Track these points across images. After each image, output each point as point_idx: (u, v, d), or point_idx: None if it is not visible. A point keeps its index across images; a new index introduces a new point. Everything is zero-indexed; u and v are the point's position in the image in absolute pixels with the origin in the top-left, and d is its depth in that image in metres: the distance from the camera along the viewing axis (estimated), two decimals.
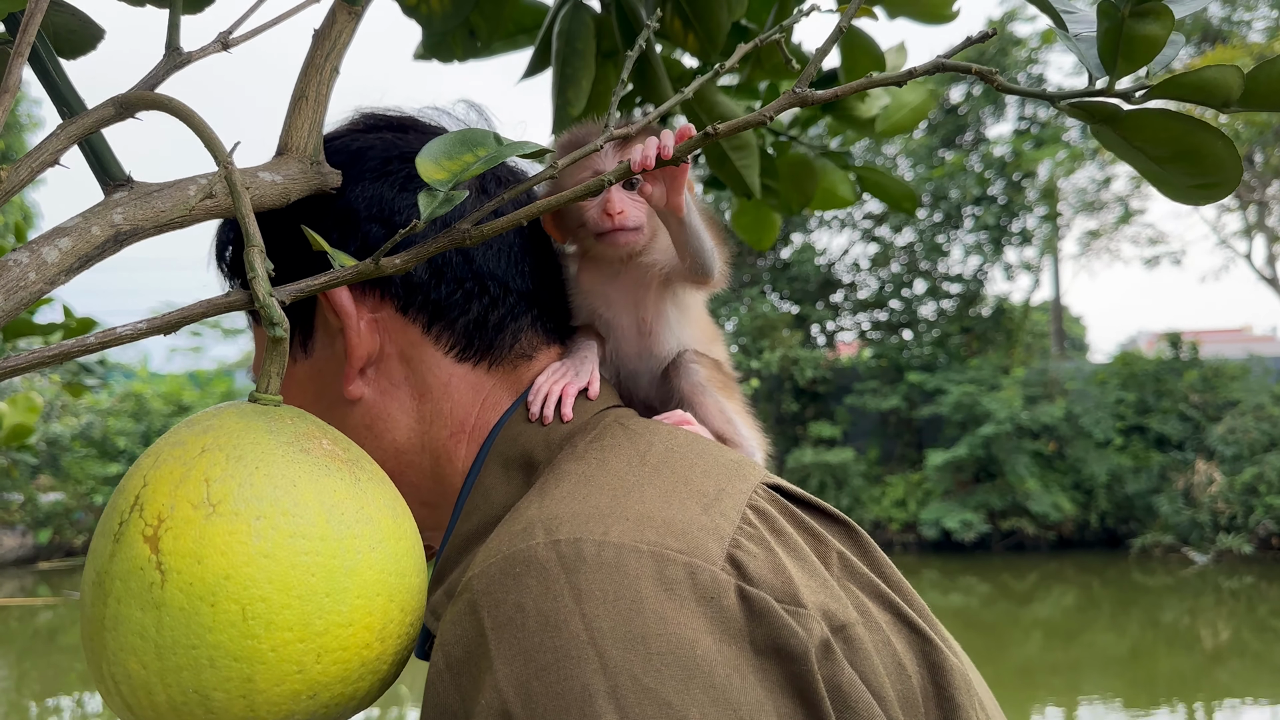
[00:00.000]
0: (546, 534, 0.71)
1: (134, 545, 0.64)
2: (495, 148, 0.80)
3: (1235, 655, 10.83)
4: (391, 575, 0.70)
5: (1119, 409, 16.57)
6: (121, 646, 0.64)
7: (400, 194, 0.93)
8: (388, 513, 0.72)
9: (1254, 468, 15.27)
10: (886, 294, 19.44)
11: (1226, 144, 0.68)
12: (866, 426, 17.65)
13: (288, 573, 0.64)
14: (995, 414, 15.83)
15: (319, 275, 0.76)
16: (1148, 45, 0.67)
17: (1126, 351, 18.93)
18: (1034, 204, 19.44)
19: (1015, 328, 18.87)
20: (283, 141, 0.89)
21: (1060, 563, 15.59)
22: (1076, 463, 16.19)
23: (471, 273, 0.93)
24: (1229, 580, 14.23)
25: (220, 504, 0.64)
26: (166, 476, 0.65)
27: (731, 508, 0.77)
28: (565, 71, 1.53)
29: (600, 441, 0.85)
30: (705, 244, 0.95)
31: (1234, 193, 6.29)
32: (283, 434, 0.69)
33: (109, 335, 0.67)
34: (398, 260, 0.77)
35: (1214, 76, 0.64)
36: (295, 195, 0.88)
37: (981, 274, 19.29)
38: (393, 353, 0.93)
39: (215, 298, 0.72)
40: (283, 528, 0.65)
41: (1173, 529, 15.52)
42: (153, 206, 0.75)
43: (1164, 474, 15.99)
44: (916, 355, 18.34)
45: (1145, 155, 0.71)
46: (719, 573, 0.70)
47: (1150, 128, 0.69)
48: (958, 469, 16.21)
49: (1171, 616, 12.74)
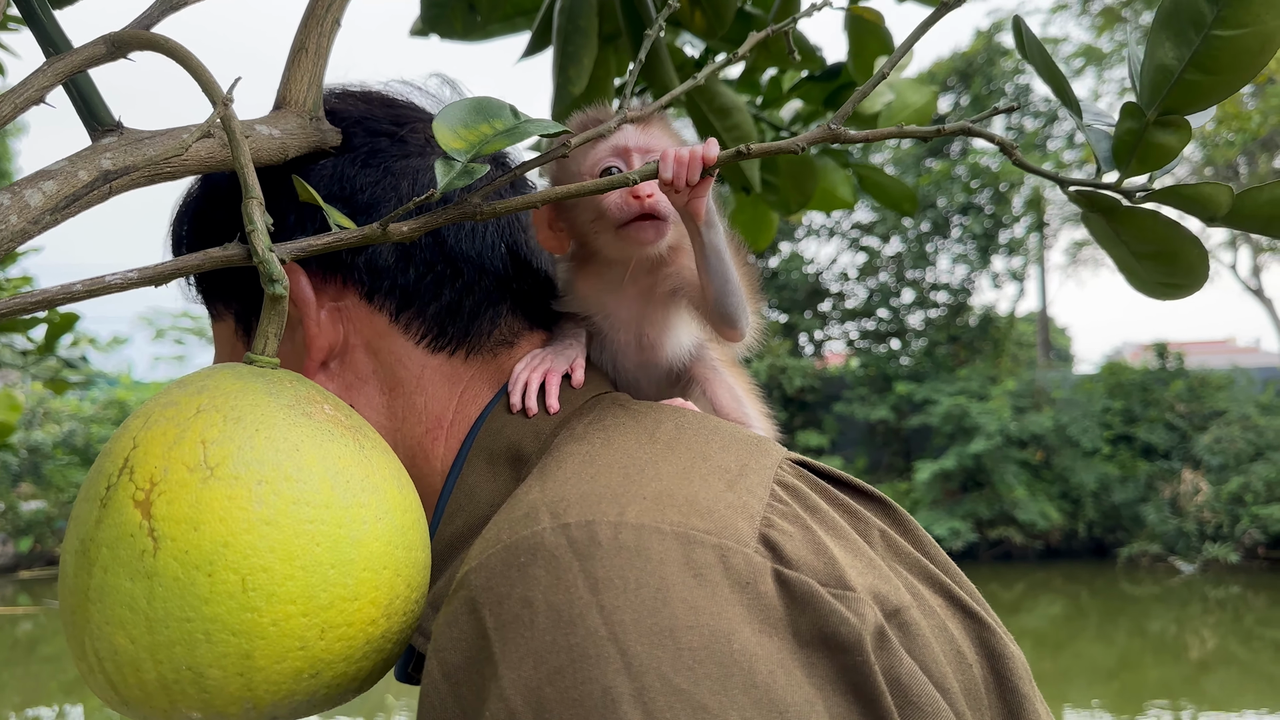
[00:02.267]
0: (553, 518, 0.63)
1: (123, 510, 0.59)
2: (512, 120, 0.76)
3: (1222, 665, 10.83)
4: (399, 548, 0.65)
5: (1106, 418, 16.60)
6: (108, 620, 0.59)
7: (363, 170, 0.86)
8: (393, 483, 0.67)
9: (1240, 477, 15.31)
10: (874, 303, 19.43)
11: (1201, 252, 0.72)
12: (854, 436, 17.62)
13: (291, 541, 0.59)
14: (985, 427, 15.83)
15: (322, 235, 0.71)
16: (1162, 153, 0.70)
17: (1113, 361, 18.98)
18: (1020, 214, 19.50)
19: (1002, 338, 18.90)
20: (280, 95, 0.85)
21: (1048, 572, 15.58)
22: (1064, 472, 16.20)
23: (443, 255, 0.86)
24: (1215, 590, 14.24)
25: (219, 467, 0.59)
26: (159, 437, 0.60)
27: (759, 483, 0.70)
28: (567, 49, 1.49)
29: (601, 422, 0.78)
30: (729, 275, 0.84)
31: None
32: (283, 396, 0.64)
33: (97, 283, 0.62)
34: (405, 228, 0.72)
35: (1209, 192, 0.68)
36: (293, 152, 0.83)
37: (969, 283, 19.32)
38: (358, 344, 0.85)
39: (211, 251, 0.67)
40: (286, 493, 0.60)
41: (1159, 538, 15.54)
42: (143, 153, 0.71)
43: (1151, 483, 16.01)
44: (904, 365, 18.35)
45: (1127, 249, 0.74)
46: (753, 555, 0.62)
47: (1140, 225, 0.72)
48: (946, 478, 16.20)
49: (1158, 626, 12.74)
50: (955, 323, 18.98)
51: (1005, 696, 0.68)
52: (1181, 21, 0.65)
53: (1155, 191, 0.71)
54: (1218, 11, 0.64)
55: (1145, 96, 0.69)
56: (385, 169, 0.86)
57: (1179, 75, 0.66)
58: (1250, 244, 19.17)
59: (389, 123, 0.89)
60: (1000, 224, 19.18)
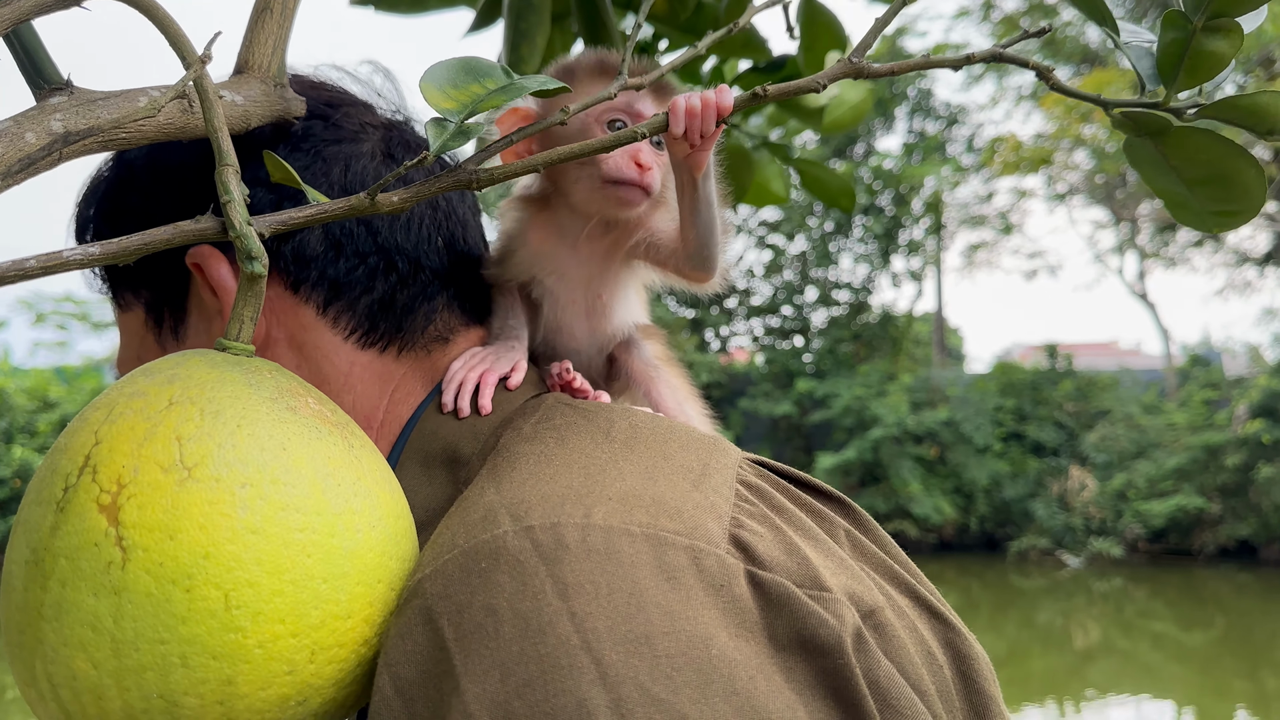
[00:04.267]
0: (514, 520, 0.59)
1: (85, 516, 0.51)
2: (504, 80, 0.70)
3: (1104, 654, 11.26)
4: (392, 559, 0.59)
5: (998, 416, 17.11)
6: (65, 641, 0.51)
7: (293, 154, 0.80)
8: (385, 486, 0.61)
9: (1124, 474, 15.95)
10: (779, 300, 19.69)
11: (1259, 173, 0.66)
12: (759, 431, 17.81)
13: (280, 552, 0.52)
14: (883, 418, 16.18)
15: (304, 208, 0.64)
16: (1213, 61, 0.64)
17: (1004, 361, 19.58)
18: (920, 216, 19.96)
19: (900, 336, 19.34)
20: (242, 58, 0.77)
21: (941, 565, 15.99)
22: (957, 468, 16.65)
23: (376, 246, 0.81)
24: (1100, 582, 14.80)
25: (197, 467, 0.52)
26: (126, 433, 0.53)
27: (723, 483, 0.67)
28: (519, 26, 1.42)
29: (551, 421, 0.74)
30: (715, 222, 0.82)
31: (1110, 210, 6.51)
32: (264, 388, 0.58)
33: (53, 259, 0.54)
34: (395, 198, 0.66)
35: (1267, 102, 0.62)
36: (256, 120, 0.76)
37: (870, 283, 19.72)
38: (281, 337, 0.80)
39: (183, 224, 0.60)
40: (273, 498, 0.53)
41: (1048, 533, 16.08)
42: (98, 115, 0.63)
43: (1040, 480, 16.57)
44: (807, 362, 18.63)
45: (1177, 175, 0.69)
46: (725, 556, 0.59)
47: (1192, 147, 0.66)
48: (846, 472, 16.50)
49: (1046, 617, 13.18)
50: (856, 321, 19.35)
51: (971, 698, 0.67)
52: None
53: (1207, 106, 0.65)
54: None
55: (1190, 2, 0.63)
56: (316, 154, 0.81)
57: None
58: (1137, 250, 19.94)
59: (322, 105, 0.84)
60: (900, 225, 19.61)
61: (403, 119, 0.89)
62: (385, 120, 0.87)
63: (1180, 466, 15.44)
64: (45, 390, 16.12)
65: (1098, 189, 19.15)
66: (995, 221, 20.99)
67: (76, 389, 16.34)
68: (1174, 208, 0.71)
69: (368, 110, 0.87)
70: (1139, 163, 0.70)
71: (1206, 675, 10.39)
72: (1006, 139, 18.48)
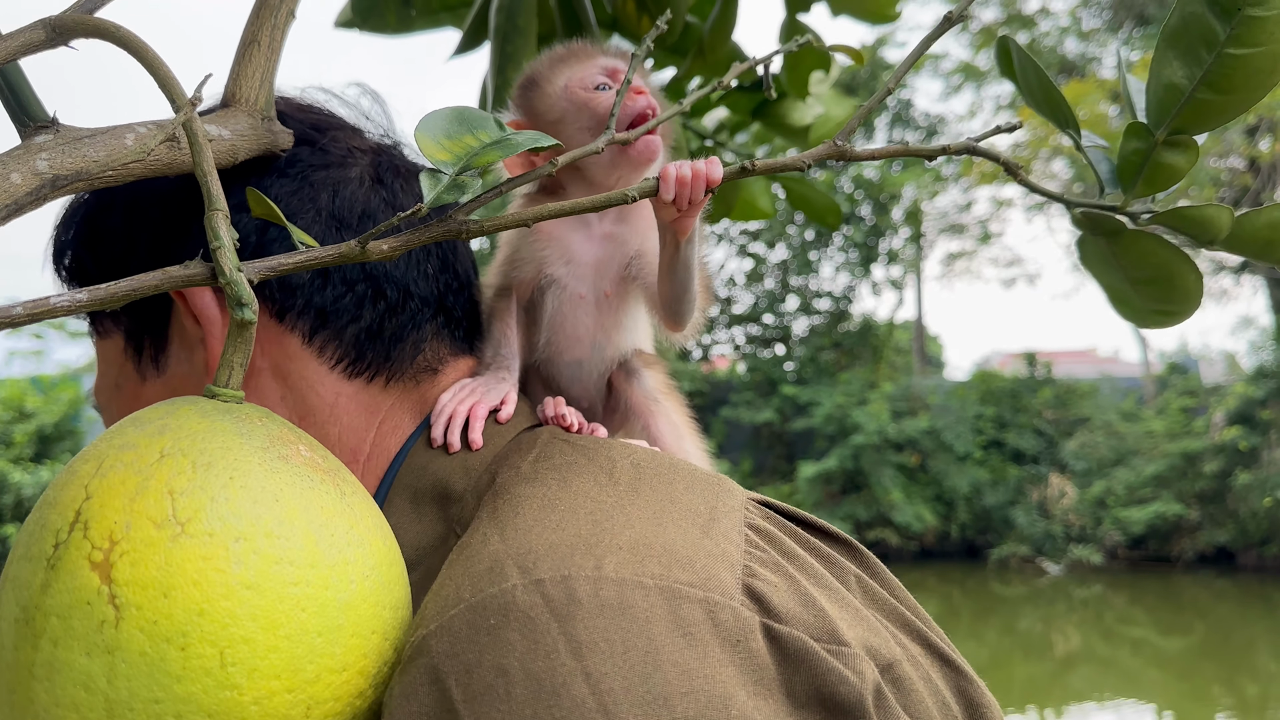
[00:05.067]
0: (523, 573, 0.57)
1: (77, 573, 0.50)
2: (499, 133, 0.70)
3: (1084, 661, 11.31)
4: (386, 608, 0.58)
5: (979, 424, 17.19)
6: (57, 701, 0.50)
7: (279, 179, 0.79)
8: (377, 533, 0.60)
9: (1103, 481, 16.06)
10: (760, 309, 19.74)
11: (1198, 278, 0.70)
12: (740, 439, 17.83)
13: (275, 607, 0.52)
14: (864, 426, 16.22)
15: (294, 254, 0.63)
16: (1170, 174, 0.68)
17: (984, 370, 19.68)
18: (900, 225, 20.06)
19: (881, 344, 19.41)
20: (229, 92, 0.77)
21: (923, 572, 16.04)
22: (938, 475, 16.71)
23: (364, 273, 0.79)
24: (1080, 589, 14.89)
25: (190, 522, 0.51)
26: (117, 487, 0.52)
27: (732, 528, 0.65)
28: (505, 50, 1.42)
29: (550, 460, 0.72)
30: (691, 284, 0.83)
31: None
32: (255, 437, 0.57)
33: (40, 306, 0.53)
34: (385, 246, 0.65)
35: (1213, 215, 0.67)
36: (243, 155, 0.76)
37: (850, 291, 19.79)
38: (264, 367, 0.78)
39: (171, 270, 0.59)
40: (267, 552, 0.52)
41: (1028, 540, 16.16)
42: (84, 155, 0.62)
43: (1020, 487, 16.65)
44: (789, 370, 18.67)
45: (1124, 274, 0.72)
46: (740, 609, 0.58)
47: (1141, 249, 0.70)
48: (827, 480, 16.53)
49: (1026, 624, 13.24)
50: (837, 329, 19.41)
51: None
52: (1191, 40, 0.64)
53: (1160, 214, 0.69)
54: (1231, 30, 0.62)
55: (1153, 116, 0.67)
56: (303, 179, 0.80)
57: (1190, 94, 0.64)
58: None
59: (309, 129, 0.82)
60: (880, 234, 19.70)
61: (391, 142, 0.88)
62: (373, 144, 0.86)
63: (1159, 473, 15.56)
64: (21, 400, 15.96)
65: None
66: (974, 230, 21.13)
67: (53, 399, 16.18)
68: (1116, 303, 0.75)
69: (356, 134, 0.85)
70: (1089, 259, 0.74)
71: (1186, 681, 10.46)
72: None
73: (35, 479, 14.54)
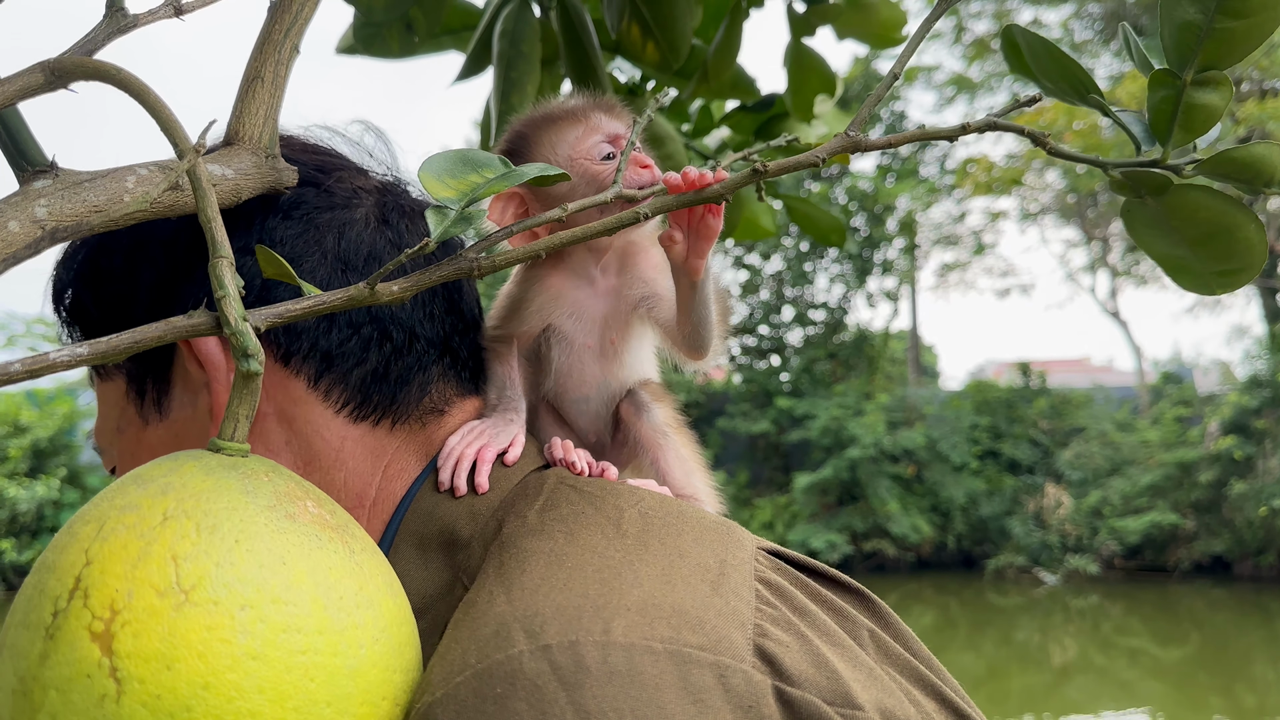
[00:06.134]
0: (530, 638, 0.56)
1: (77, 644, 0.48)
2: (503, 169, 0.69)
3: (1081, 671, 11.30)
4: (396, 672, 0.56)
5: (974, 434, 17.20)
6: None
7: (284, 222, 0.77)
8: (386, 592, 0.58)
9: (1099, 491, 16.07)
10: (755, 320, 19.75)
11: (1259, 228, 0.65)
12: (736, 450, 17.82)
13: (282, 678, 0.50)
14: (861, 439, 16.21)
15: (301, 300, 0.62)
16: (1206, 115, 0.63)
17: (979, 380, 19.69)
18: (894, 236, 20.09)
19: (876, 355, 19.42)
20: (232, 129, 0.75)
21: (919, 583, 16.02)
22: (934, 486, 16.71)
23: (370, 316, 0.78)
24: (1076, 599, 14.88)
25: (194, 590, 0.49)
26: (119, 552, 0.50)
27: (742, 583, 0.64)
28: (509, 75, 1.41)
29: (557, 510, 0.70)
30: (710, 316, 0.83)
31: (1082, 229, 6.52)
32: (261, 495, 0.55)
33: (39, 361, 0.51)
34: (394, 287, 0.64)
35: (1263, 153, 0.62)
36: (247, 194, 0.74)
37: (845, 302, 19.80)
38: (269, 411, 0.77)
39: (175, 320, 0.57)
40: (274, 620, 0.50)
41: (1024, 550, 16.16)
42: (84, 200, 0.60)
43: (1016, 497, 16.65)
44: (784, 381, 18.66)
45: (1178, 236, 0.67)
46: (751, 672, 0.57)
47: (1193, 205, 0.65)
48: (823, 491, 16.51)
49: (1023, 635, 13.22)
50: (832, 340, 19.42)
51: None
52: None
53: (1205, 161, 0.64)
54: None
55: (1175, 59, 0.62)
56: (308, 221, 0.78)
57: (1208, 27, 0.61)
58: (1108, 268, 20.14)
59: (313, 170, 0.81)
60: (875, 245, 19.72)
61: (395, 180, 0.86)
62: (378, 184, 0.84)
63: (1154, 483, 15.57)
64: (16, 415, 15.90)
65: (1069, 208, 19.35)
66: (968, 241, 21.16)
67: (48, 413, 16.12)
68: (1175, 272, 0.70)
69: (360, 174, 0.84)
70: (1137, 226, 0.69)
71: (1182, 690, 10.45)
72: (979, 160, 18.66)
73: (30, 494, 14.48)
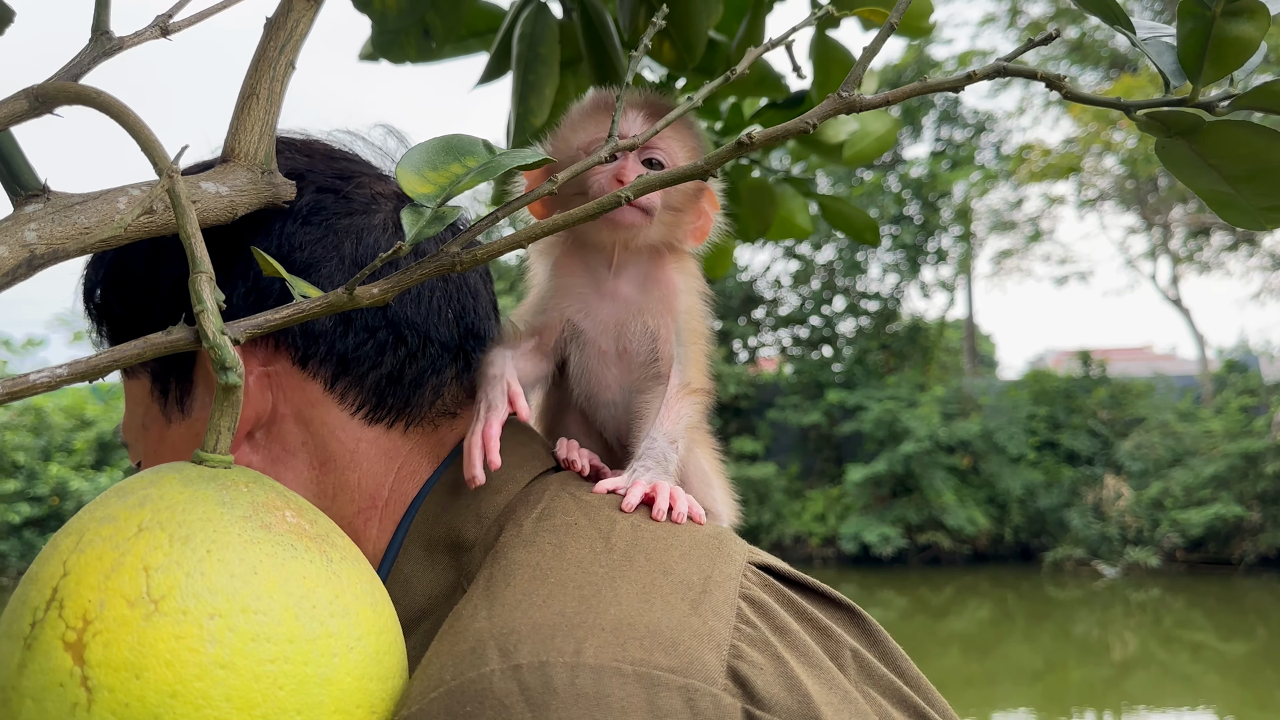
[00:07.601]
0: (503, 657, 0.57)
1: (51, 654, 0.50)
2: (488, 156, 0.68)
3: (1142, 666, 11.10)
4: (372, 680, 0.57)
5: (1031, 425, 16.93)
6: None
7: (303, 228, 0.79)
8: (366, 600, 0.59)
9: (1160, 482, 15.73)
10: (806, 310, 19.61)
11: None
12: (787, 442, 17.72)
13: (250, 687, 0.51)
14: (915, 431, 16.04)
15: (281, 308, 0.63)
16: (1239, 48, 0.59)
17: (1037, 369, 19.37)
18: (949, 224, 19.81)
19: (931, 345, 19.18)
20: (228, 146, 0.77)
21: (975, 576, 15.84)
22: (991, 478, 16.48)
23: (385, 320, 0.79)
24: (1137, 592, 14.60)
25: (164, 600, 0.51)
26: (94, 564, 0.52)
27: (723, 602, 0.64)
28: (528, 78, 1.41)
29: (551, 520, 0.71)
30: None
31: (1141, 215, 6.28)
32: (238, 506, 0.56)
33: (20, 384, 0.53)
34: (375, 290, 0.65)
35: None
36: (243, 210, 0.75)
37: (898, 292, 19.59)
38: (287, 413, 0.78)
39: (153, 337, 0.59)
40: (243, 629, 0.52)
41: (1083, 543, 15.89)
42: (75, 222, 0.62)
43: (1074, 489, 16.37)
44: (836, 372, 18.52)
45: (1219, 174, 0.63)
46: (721, 695, 0.57)
47: (1231, 141, 0.61)
48: (876, 484, 16.37)
49: (1082, 629, 13.02)
50: (885, 330, 19.23)
51: None
52: None
53: (1240, 97, 0.59)
54: None
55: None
56: (327, 227, 0.80)
57: None
58: (1169, 254, 19.69)
59: (332, 177, 0.83)
60: (929, 233, 19.47)
61: None
62: (397, 190, 0.86)
63: (1218, 474, 15.21)
64: (82, 409, 16.34)
65: (1128, 194, 18.94)
66: (1025, 228, 20.81)
67: (113, 407, 16.53)
68: (1220, 208, 0.66)
69: (380, 180, 0.86)
70: (1173, 164, 0.65)
71: (1247, 687, 10.21)
72: (1034, 146, 18.32)
73: (94, 485, 14.86)
